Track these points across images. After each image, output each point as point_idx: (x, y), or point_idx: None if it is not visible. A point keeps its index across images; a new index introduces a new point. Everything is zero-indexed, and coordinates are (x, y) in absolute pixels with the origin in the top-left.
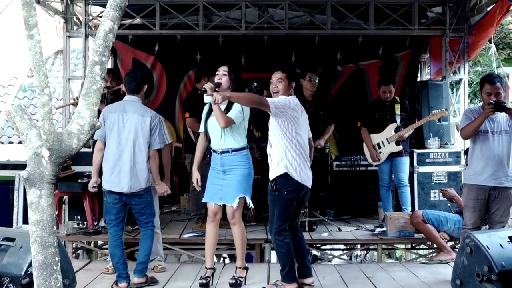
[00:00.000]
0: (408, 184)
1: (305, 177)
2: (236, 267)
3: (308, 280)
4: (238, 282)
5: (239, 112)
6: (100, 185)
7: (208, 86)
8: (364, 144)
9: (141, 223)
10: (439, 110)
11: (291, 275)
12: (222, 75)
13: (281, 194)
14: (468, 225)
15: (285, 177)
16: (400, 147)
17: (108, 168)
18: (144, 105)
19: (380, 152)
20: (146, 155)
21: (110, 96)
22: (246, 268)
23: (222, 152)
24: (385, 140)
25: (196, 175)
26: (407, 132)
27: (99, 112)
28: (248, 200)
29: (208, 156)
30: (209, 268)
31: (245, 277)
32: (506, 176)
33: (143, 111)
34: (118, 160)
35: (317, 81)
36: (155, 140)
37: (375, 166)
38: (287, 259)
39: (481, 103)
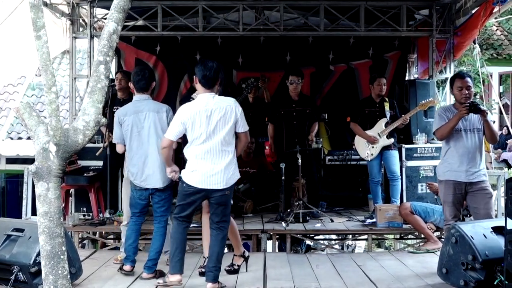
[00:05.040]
0: (400, 177)
1: (200, 180)
2: (233, 255)
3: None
4: (233, 269)
5: None
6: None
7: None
8: (355, 139)
9: (157, 215)
10: (427, 100)
11: (173, 265)
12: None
13: (181, 185)
14: (449, 220)
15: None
16: (392, 140)
17: (136, 168)
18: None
19: (373, 147)
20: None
21: (122, 96)
22: (244, 256)
23: None
24: (376, 135)
25: None
26: (399, 122)
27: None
28: None
29: None
30: (207, 257)
31: (245, 265)
32: (478, 172)
33: (157, 107)
34: (145, 160)
35: (299, 82)
36: None
37: (369, 160)
38: (173, 247)
39: (454, 102)
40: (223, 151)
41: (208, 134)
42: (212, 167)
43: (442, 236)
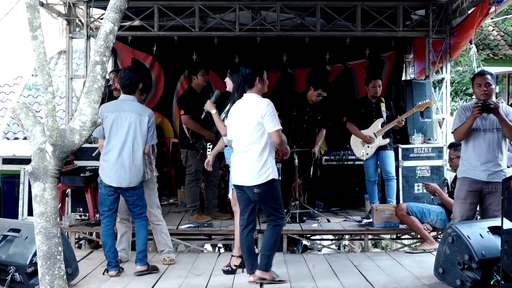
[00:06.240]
0: (395, 177)
1: (234, 177)
2: (231, 256)
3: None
4: (230, 270)
5: None
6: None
7: (208, 107)
8: (351, 138)
9: (134, 214)
10: (424, 101)
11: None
12: (227, 79)
13: None
14: (457, 218)
15: None
16: (388, 140)
17: (108, 164)
18: (140, 103)
19: (369, 147)
20: (142, 151)
21: (118, 95)
22: (242, 257)
23: (225, 147)
24: (372, 135)
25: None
26: (394, 123)
27: None
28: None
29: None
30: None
31: (241, 265)
32: (499, 171)
33: (141, 110)
34: (118, 157)
35: (325, 95)
36: (151, 137)
37: (364, 160)
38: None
39: (474, 101)
40: (248, 151)
41: (237, 133)
42: (240, 165)
43: (439, 236)
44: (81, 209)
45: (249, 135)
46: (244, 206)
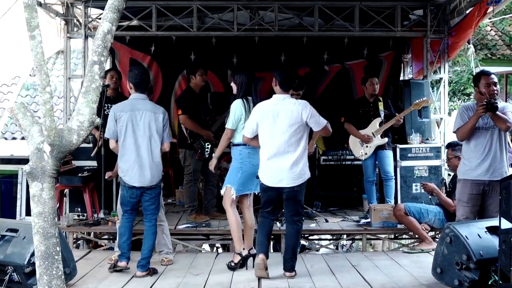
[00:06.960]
0: (394, 177)
1: (269, 179)
2: (234, 253)
3: None
4: (230, 266)
5: (234, 120)
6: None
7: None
8: (350, 138)
9: (147, 213)
10: (421, 99)
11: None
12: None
13: (259, 182)
14: (460, 220)
15: None
16: (386, 139)
17: (127, 164)
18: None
19: (367, 147)
20: (159, 149)
21: (112, 94)
22: (241, 255)
23: (232, 146)
24: (371, 134)
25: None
26: (393, 122)
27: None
28: (232, 191)
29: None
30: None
31: (241, 264)
32: (500, 170)
33: (155, 108)
34: (137, 156)
35: (300, 94)
36: (167, 134)
37: (363, 160)
38: (259, 235)
39: (473, 101)
40: (288, 152)
41: (273, 134)
42: (278, 167)
43: (437, 236)
44: (79, 209)
45: (290, 137)
46: (273, 207)
